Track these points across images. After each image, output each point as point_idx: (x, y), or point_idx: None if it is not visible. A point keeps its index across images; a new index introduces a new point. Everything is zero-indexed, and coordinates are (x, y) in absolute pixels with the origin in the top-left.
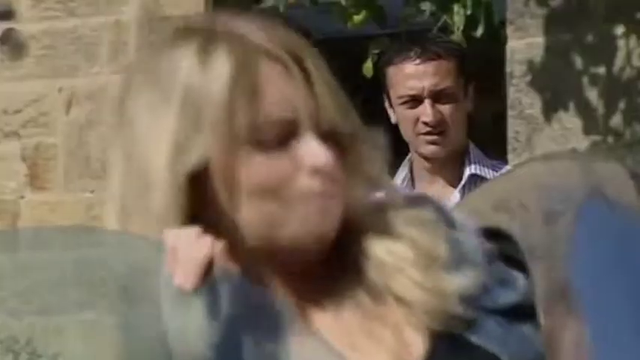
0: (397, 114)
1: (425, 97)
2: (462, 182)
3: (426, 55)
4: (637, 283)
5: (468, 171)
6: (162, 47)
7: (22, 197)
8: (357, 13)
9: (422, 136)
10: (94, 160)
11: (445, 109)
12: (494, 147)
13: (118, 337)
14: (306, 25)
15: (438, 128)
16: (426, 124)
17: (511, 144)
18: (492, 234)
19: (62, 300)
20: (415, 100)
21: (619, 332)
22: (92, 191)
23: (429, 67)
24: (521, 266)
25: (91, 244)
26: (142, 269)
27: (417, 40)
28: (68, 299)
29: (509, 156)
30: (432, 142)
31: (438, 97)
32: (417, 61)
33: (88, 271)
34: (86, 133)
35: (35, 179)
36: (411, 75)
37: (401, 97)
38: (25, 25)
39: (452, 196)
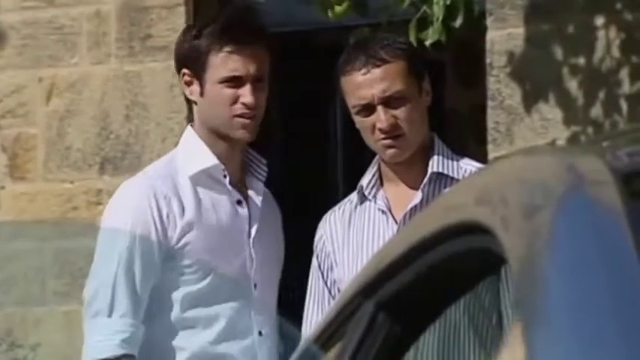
0: (356, 123)
1: (376, 104)
2: (425, 180)
3: (371, 63)
4: (617, 277)
5: (430, 169)
6: None
7: (3, 187)
8: (339, 4)
9: (380, 142)
10: (74, 150)
11: (398, 112)
12: (474, 137)
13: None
14: (286, 15)
15: (394, 132)
16: (381, 130)
17: (491, 134)
18: (472, 228)
19: (41, 291)
20: (368, 109)
21: (599, 328)
22: (72, 182)
23: (376, 74)
24: (501, 260)
25: (70, 235)
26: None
27: (362, 47)
28: (47, 290)
29: (489, 146)
30: (390, 146)
31: (388, 102)
32: (363, 70)
33: (68, 263)
34: (66, 124)
35: (15, 170)
36: (360, 84)
37: (354, 106)
38: (5, 16)
39: (416, 195)
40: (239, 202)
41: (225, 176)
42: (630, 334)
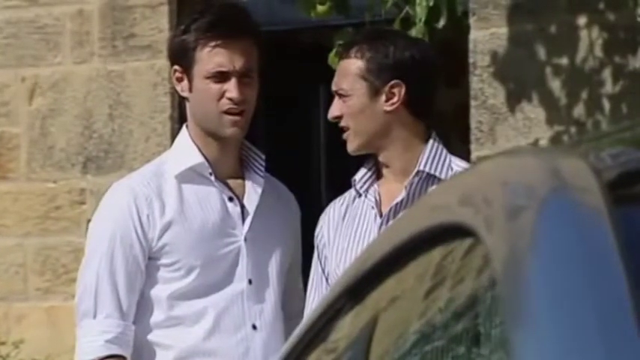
0: None
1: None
2: (409, 178)
3: (340, 54)
4: (600, 278)
5: (416, 167)
6: None
7: None
8: (322, 3)
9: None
10: (58, 150)
11: (344, 107)
12: (457, 137)
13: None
14: (269, 15)
15: (340, 124)
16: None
17: (474, 134)
18: (456, 229)
19: (24, 287)
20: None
21: (581, 328)
22: (55, 181)
23: (338, 66)
24: (484, 260)
25: (53, 232)
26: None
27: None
28: (30, 286)
29: (472, 146)
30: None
31: (339, 95)
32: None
33: (50, 259)
34: (49, 123)
35: None
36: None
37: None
38: None
39: (399, 192)
40: (230, 199)
41: (211, 174)
42: (612, 335)
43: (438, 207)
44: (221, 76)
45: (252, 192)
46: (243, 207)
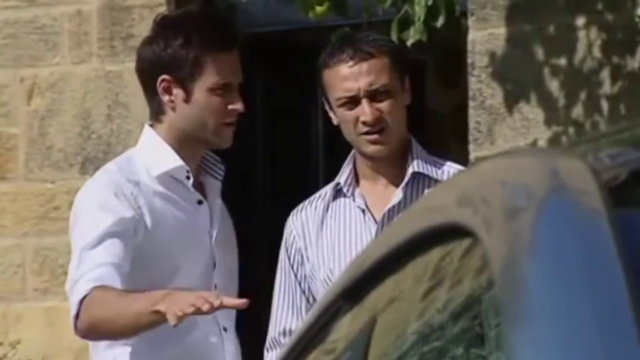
0: (338, 116)
1: (362, 97)
2: (405, 180)
3: (359, 56)
4: (598, 278)
5: (411, 169)
6: None
7: None
8: (320, 4)
9: (363, 136)
10: (56, 150)
11: (383, 106)
12: (455, 137)
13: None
14: (267, 15)
15: (378, 126)
16: (365, 123)
17: (472, 134)
18: (454, 230)
19: (22, 287)
20: (353, 102)
21: (580, 329)
22: (53, 182)
23: (363, 67)
24: (483, 261)
25: (51, 233)
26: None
27: (349, 41)
28: (28, 286)
29: (471, 146)
30: (374, 142)
31: (374, 95)
32: (351, 62)
33: (49, 259)
34: (48, 123)
35: None
36: (346, 76)
37: (339, 99)
38: None
39: (395, 195)
40: (200, 202)
41: (188, 177)
42: (610, 336)
43: (437, 207)
44: (225, 88)
45: (214, 196)
46: (210, 211)
